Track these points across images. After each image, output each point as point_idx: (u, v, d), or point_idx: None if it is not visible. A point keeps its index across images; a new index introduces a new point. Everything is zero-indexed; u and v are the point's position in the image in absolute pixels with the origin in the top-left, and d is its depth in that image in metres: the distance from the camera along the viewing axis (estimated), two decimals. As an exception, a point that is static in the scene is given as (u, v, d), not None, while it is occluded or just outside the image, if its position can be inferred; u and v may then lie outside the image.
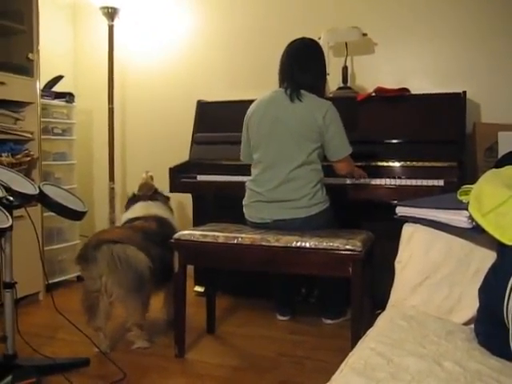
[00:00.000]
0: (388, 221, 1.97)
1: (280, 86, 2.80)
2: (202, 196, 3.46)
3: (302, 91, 2.69)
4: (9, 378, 2.10)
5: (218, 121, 3.49)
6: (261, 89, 2.87)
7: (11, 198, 2.18)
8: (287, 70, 2.78)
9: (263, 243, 2.49)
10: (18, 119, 3.36)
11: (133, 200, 3.20)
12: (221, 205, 3.35)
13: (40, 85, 3.47)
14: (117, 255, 2.55)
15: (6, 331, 2.28)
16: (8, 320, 2.31)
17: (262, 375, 2.39)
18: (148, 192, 3.20)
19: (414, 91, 3.25)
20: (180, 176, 3.34)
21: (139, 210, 3.08)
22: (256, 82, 3.43)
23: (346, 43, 3.46)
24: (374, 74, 3.53)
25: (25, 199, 2.30)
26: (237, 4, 3.87)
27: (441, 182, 2.78)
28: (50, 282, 3.22)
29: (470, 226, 1.62)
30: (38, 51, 3.41)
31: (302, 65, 2.76)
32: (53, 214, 2.85)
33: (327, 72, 3.38)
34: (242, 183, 2.85)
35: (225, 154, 2.92)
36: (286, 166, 2.66)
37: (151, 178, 3.35)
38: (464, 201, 1.67)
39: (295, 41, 2.83)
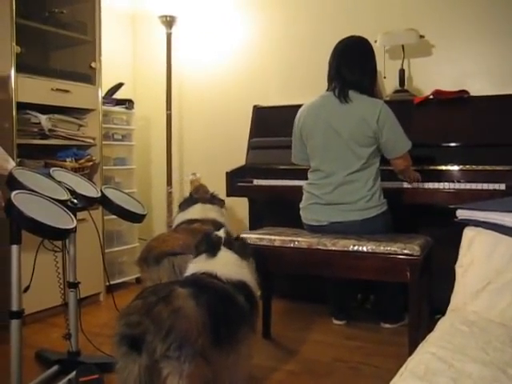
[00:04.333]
0: (447, 225, 1.93)
1: (328, 89, 2.79)
2: (258, 200, 3.49)
3: (351, 91, 2.67)
4: (73, 374, 2.17)
5: (273, 125, 3.50)
6: (316, 93, 2.87)
7: (75, 201, 2.27)
8: (335, 68, 2.76)
9: (320, 247, 2.49)
10: (81, 125, 3.49)
11: (190, 201, 3.24)
12: (276, 209, 3.37)
13: (102, 92, 3.60)
14: (178, 268, 2.58)
15: (71, 329, 2.37)
16: (72, 318, 2.41)
17: (318, 380, 2.39)
18: (206, 194, 3.25)
19: (473, 93, 3.17)
20: (236, 180, 3.38)
21: (197, 212, 3.12)
22: (311, 86, 3.41)
23: (403, 46, 3.41)
24: (431, 77, 3.46)
25: (88, 202, 2.39)
26: (291, 10, 3.88)
27: (502, 186, 2.70)
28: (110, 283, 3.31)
29: (535, 230, 1.57)
30: (100, 60, 3.54)
31: (349, 61, 2.73)
32: (113, 217, 2.94)
33: (384, 75, 3.37)
34: (299, 187, 2.86)
35: (281, 158, 2.94)
36: (343, 172, 2.66)
37: (199, 179, 3.41)
38: (529, 204, 1.63)
39: (343, 40, 2.81)
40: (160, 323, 1.58)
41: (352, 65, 2.73)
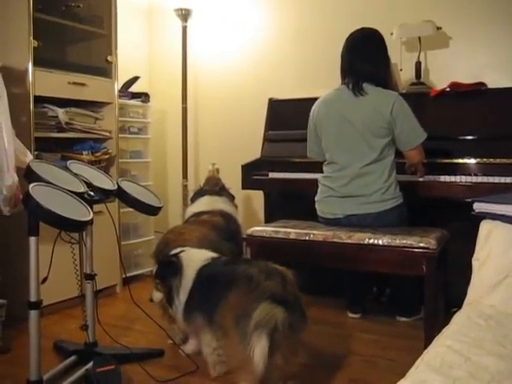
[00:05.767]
0: (463, 219, 1.92)
1: (342, 82, 2.78)
2: (273, 193, 3.49)
3: (365, 84, 2.66)
4: (90, 364, 2.20)
5: (289, 118, 3.49)
6: (331, 85, 2.87)
7: (92, 193, 2.29)
8: (347, 62, 2.76)
9: (335, 240, 2.48)
10: (97, 119, 3.51)
11: (199, 193, 3.24)
12: (292, 202, 3.37)
13: (118, 85, 3.61)
14: None
15: (87, 320, 2.40)
16: (89, 310, 2.43)
17: (333, 373, 2.38)
18: (215, 187, 3.25)
19: (490, 86, 3.13)
20: (252, 173, 3.38)
21: (205, 204, 3.11)
22: (327, 78, 3.40)
23: (420, 38, 3.38)
24: (448, 69, 3.42)
25: (104, 194, 2.40)
26: (306, 2, 3.86)
27: (520, 179, 2.68)
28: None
29: (553, 223, 1.56)
30: (116, 53, 3.56)
31: (361, 54, 2.73)
32: (129, 209, 2.96)
33: (400, 68, 3.34)
34: (314, 180, 2.86)
35: (297, 151, 2.94)
36: (358, 163, 2.65)
37: (217, 170, 3.40)
38: (547, 197, 1.61)
39: (353, 32, 2.80)
40: (294, 296, 1.99)
41: (365, 57, 2.72)
